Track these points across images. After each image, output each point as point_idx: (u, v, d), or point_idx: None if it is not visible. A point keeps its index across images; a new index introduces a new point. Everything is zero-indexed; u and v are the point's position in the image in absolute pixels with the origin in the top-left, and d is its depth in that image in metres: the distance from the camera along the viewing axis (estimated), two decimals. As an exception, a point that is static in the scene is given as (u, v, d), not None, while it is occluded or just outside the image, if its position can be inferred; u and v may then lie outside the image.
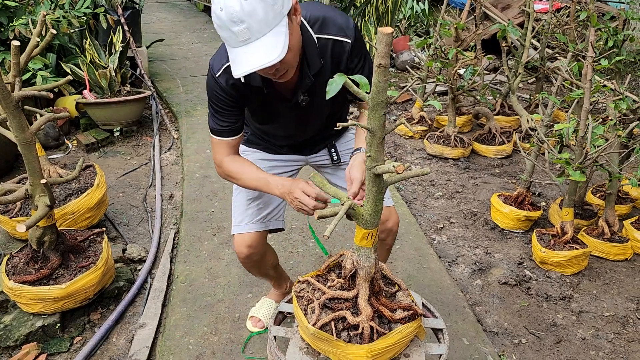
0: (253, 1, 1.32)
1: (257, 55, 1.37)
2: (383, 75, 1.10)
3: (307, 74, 1.64)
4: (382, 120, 1.19)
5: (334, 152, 2.05)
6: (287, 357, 1.50)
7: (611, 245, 2.95)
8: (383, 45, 1.07)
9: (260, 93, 1.66)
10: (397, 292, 1.59)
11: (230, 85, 1.63)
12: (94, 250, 2.45)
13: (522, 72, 4.26)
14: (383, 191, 1.32)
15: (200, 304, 2.51)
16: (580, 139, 2.68)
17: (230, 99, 1.67)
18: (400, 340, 1.43)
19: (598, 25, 3.62)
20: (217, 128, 1.74)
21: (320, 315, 1.45)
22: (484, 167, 4.11)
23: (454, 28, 3.96)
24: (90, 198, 2.84)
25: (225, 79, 1.62)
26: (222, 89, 1.64)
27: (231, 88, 1.64)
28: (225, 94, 1.65)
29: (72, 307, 2.33)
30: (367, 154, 1.26)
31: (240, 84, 1.63)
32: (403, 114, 4.97)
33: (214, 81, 1.65)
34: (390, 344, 1.41)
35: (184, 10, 9.47)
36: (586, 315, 2.57)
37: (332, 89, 1.05)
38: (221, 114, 1.70)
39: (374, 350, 1.39)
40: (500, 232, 3.25)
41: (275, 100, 1.72)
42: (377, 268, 1.46)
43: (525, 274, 2.85)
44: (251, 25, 1.34)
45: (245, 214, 1.97)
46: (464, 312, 2.53)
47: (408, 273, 2.79)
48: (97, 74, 4.14)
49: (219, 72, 1.63)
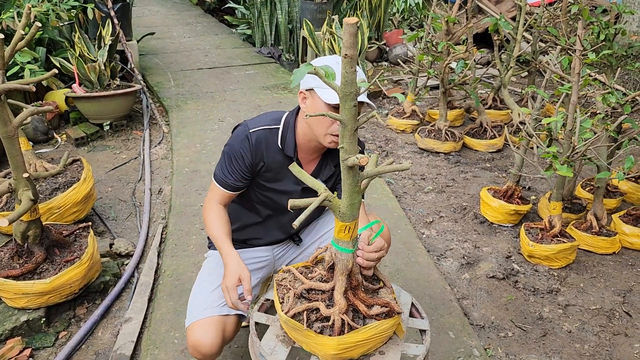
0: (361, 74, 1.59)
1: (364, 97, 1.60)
2: (350, 66, 1.09)
3: (328, 163, 1.88)
4: (353, 111, 1.18)
5: (296, 237, 2.09)
6: (262, 343, 1.50)
7: (599, 239, 2.95)
8: (348, 36, 1.07)
9: (282, 161, 1.80)
10: (380, 289, 1.58)
11: (259, 142, 1.77)
12: (79, 245, 2.44)
13: (513, 65, 4.26)
14: (359, 184, 1.31)
15: (186, 298, 2.48)
16: (568, 132, 2.68)
17: (248, 152, 1.77)
18: (374, 336, 1.43)
19: (590, 18, 3.61)
20: (222, 179, 1.82)
21: (295, 304, 1.45)
22: (475, 161, 4.11)
23: (444, 21, 3.95)
24: (77, 192, 2.82)
25: (257, 136, 1.77)
26: (250, 143, 1.76)
27: (257, 144, 1.77)
28: (247, 146, 1.76)
29: (57, 302, 2.32)
30: (340, 146, 1.25)
31: (267, 144, 1.78)
32: (395, 107, 4.96)
33: (245, 135, 1.77)
34: (361, 339, 1.40)
35: (176, 3, 9.41)
36: (573, 308, 2.58)
37: (295, 77, 1.04)
38: (233, 168, 1.79)
39: (343, 343, 1.38)
40: (490, 226, 3.25)
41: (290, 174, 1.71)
42: (355, 262, 1.45)
43: (513, 268, 2.85)
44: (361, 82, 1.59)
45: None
46: (451, 306, 2.53)
47: (396, 267, 2.78)
48: (87, 68, 4.11)
49: (255, 129, 1.77)
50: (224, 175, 1.81)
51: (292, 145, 1.78)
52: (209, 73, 5.80)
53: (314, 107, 1.67)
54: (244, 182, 1.83)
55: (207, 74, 5.77)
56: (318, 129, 1.68)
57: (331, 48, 4.98)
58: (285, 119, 1.82)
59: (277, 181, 1.86)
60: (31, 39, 2.36)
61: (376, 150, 4.24)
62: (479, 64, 6.29)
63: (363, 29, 5.15)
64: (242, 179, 1.82)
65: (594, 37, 3.70)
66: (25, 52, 3.97)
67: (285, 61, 6.25)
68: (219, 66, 6.02)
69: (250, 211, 1.99)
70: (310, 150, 1.82)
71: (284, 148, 1.79)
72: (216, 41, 7.04)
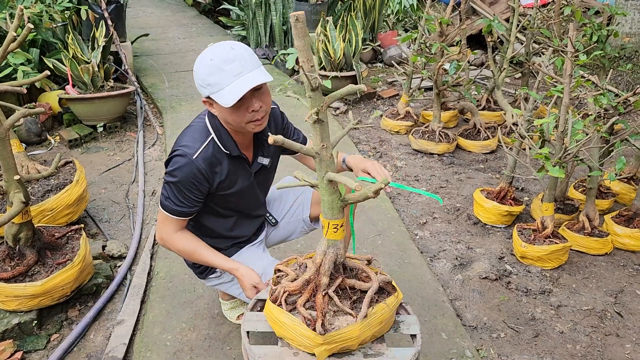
0: (239, 48, 1.65)
1: (254, 79, 1.62)
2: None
3: (262, 139, 1.92)
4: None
5: (270, 216, 2.22)
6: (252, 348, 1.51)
7: (591, 240, 2.96)
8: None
9: (230, 165, 1.83)
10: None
11: (208, 163, 1.76)
12: (71, 247, 2.44)
13: (507, 67, 4.27)
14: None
15: (179, 300, 2.50)
16: (560, 134, 2.69)
17: (204, 181, 1.77)
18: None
19: (583, 20, 3.63)
20: (176, 209, 1.81)
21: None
22: (469, 162, 4.12)
23: (438, 23, 3.96)
24: (70, 194, 2.82)
25: (203, 159, 1.75)
26: (199, 170, 1.75)
27: (207, 166, 1.76)
28: (200, 176, 1.76)
29: (49, 304, 2.31)
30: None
31: (214, 158, 1.78)
32: (389, 109, 4.97)
33: (191, 165, 1.74)
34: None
35: (171, 4, 9.41)
36: (565, 309, 2.59)
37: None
38: (187, 198, 1.79)
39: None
40: (483, 227, 3.26)
41: (240, 170, 1.89)
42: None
43: (506, 269, 2.86)
44: (241, 62, 1.62)
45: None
46: (444, 307, 2.54)
47: (389, 268, 2.79)
48: (80, 69, 4.10)
49: (196, 155, 1.75)
50: (177, 205, 1.80)
51: (232, 144, 1.82)
52: (204, 74, 5.79)
53: (220, 111, 1.71)
54: (199, 205, 1.85)
55: (201, 75, 5.77)
56: (237, 122, 1.71)
57: (325, 49, 4.98)
58: (211, 124, 1.81)
59: (234, 184, 1.89)
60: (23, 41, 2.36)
61: (370, 152, 4.25)
62: (473, 65, 6.31)
63: (357, 30, 5.16)
64: (197, 204, 1.84)
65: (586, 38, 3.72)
66: (18, 53, 3.96)
67: (280, 62, 6.26)
68: (214, 67, 6.01)
69: (220, 218, 2.01)
70: (244, 138, 1.87)
71: (230, 151, 1.82)
72: (211, 42, 7.03)
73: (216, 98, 1.64)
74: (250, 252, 2.09)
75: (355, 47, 5.12)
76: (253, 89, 1.64)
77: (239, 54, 1.63)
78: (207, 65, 1.63)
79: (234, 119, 1.70)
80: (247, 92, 1.61)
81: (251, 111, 1.69)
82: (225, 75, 1.61)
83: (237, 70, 1.61)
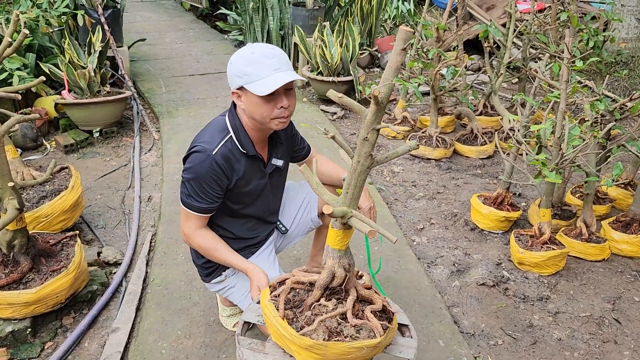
0: (278, 49, 1.80)
1: (290, 76, 1.73)
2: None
3: (277, 140, 2.01)
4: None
5: (281, 225, 2.25)
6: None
7: (589, 246, 2.96)
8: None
9: (246, 163, 1.90)
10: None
11: (226, 159, 1.83)
12: (66, 254, 2.42)
13: (504, 72, 4.27)
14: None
15: (175, 308, 2.48)
16: (557, 139, 2.69)
17: (222, 176, 1.83)
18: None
19: (579, 25, 3.64)
20: (196, 206, 1.87)
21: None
22: (466, 167, 4.12)
23: (435, 28, 3.96)
24: (65, 200, 2.80)
25: (221, 155, 1.82)
26: (218, 165, 1.81)
27: (226, 162, 1.83)
28: (220, 171, 1.82)
29: (43, 312, 2.29)
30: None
31: (232, 155, 1.84)
32: (386, 114, 4.96)
33: (210, 160, 1.80)
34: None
35: (168, 9, 9.40)
36: (562, 315, 2.58)
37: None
38: (207, 193, 1.84)
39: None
40: (480, 232, 3.25)
41: (256, 169, 1.95)
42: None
43: (504, 275, 2.85)
44: (280, 60, 1.75)
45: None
46: (441, 314, 2.52)
47: (386, 275, 2.78)
48: (76, 74, 4.09)
49: (215, 150, 1.81)
50: (197, 202, 1.86)
51: (250, 143, 1.90)
52: (201, 79, 5.79)
53: (250, 102, 1.77)
54: (219, 201, 1.90)
55: (198, 80, 5.76)
56: (263, 117, 1.78)
57: (322, 54, 4.98)
58: (230, 123, 1.88)
59: (249, 183, 1.95)
60: (19, 46, 2.35)
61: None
62: (470, 70, 6.31)
63: (354, 35, 5.16)
64: (217, 199, 1.89)
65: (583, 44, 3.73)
66: (14, 58, 3.94)
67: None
68: (211, 72, 6.01)
69: (233, 218, 2.05)
70: (261, 138, 1.94)
71: (247, 150, 1.88)
72: (208, 47, 7.03)
73: (251, 87, 1.72)
74: (261, 261, 2.09)
75: (353, 52, 5.12)
76: (285, 87, 1.74)
77: (279, 53, 1.77)
78: (247, 57, 1.74)
79: (261, 113, 1.77)
80: (280, 88, 1.71)
81: (280, 107, 1.77)
82: (264, 67, 1.72)
83: (276, 65, 1.73)
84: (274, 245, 2.25)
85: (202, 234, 1.93)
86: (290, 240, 2.35)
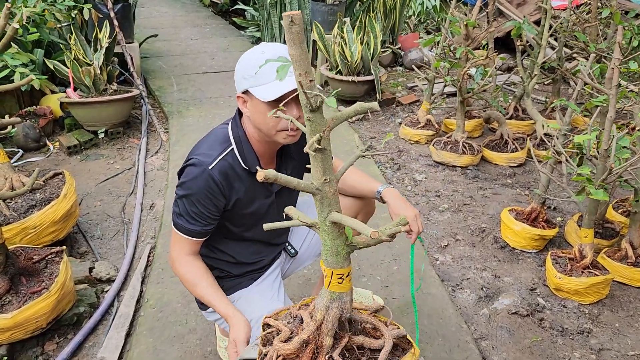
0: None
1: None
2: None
3: (288, 154, 1.75)
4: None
5: (289, 247, 1.99)
6: None
7: (636, 271, 2.62)
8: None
9: (249, 181, 1.64)
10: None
11: (224, 176, 1.58)
12: (49, 273, 2.18)
13: (538, 73, 3.93)
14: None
15: (169, 334, 2.23)
16: (604, 152, 2.36)
17: (219, 195, 1.59)
18: None
19: (622, 23, 3.29)
20: (187, 228, 1.62)
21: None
22: (495, 176, 3.79)
23: (463, 25, 3.64)
24: (55, 210, 2.57)
25: (219, 170, 1.57)
26: (215, 182, 1.56)
27: (224, 179, 1.58)
28: (216, 189, 1.57)
29: (21, 338, 2.06)
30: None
31: (232, 171, 1.59)
32: (409, 116, 4.66)
33: (205, 175, 1.56)
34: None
35: (186, 4, 9.20)
36: (607, 353, 2.26)
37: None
38: (200, 214, 1.60)
39: None
40: (511, 251, 2.93)
41: (259, 187, 1.68)
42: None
43: (539, 303, 2.54)
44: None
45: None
46: (468, 348, 2.23)
47: (406, 299, 2.49)
48: (81, 72, 3.88)
49: (213, 165, 1.56)
50: (189, 223, 1.60)
51: (254, 159, 1.64)
52: (215, 77, 5.55)
53: (255, 109, 1.53)
54: (213, 224, 1.63)
55: (212, 78, 5.53)
56: (268, 127, 1.54)
57: (342, 52, 4.69)
58: (233, 134, 1.62)
59: (252, 203, 1.68)
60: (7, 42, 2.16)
61: (387, 163, 3.94)
62: (499, 70, 5.96)
63: (376, 32, 4.86)
64: (212, 222, 1.61)
65: (624, 42, 3.38)
66: (21, 54, 3.75)
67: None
68: (226, 70, 5.77)
69: (235, 242, 1.78)
70: (268, 152, 1.69)
71: (249, 167, 1.63)
72: (224, 44, 6.80)
73: (256, 91, 1.48)
74: (265, 288, 1.83)
75: (374, 50, 4.82)
76: (296, 97, 1.47)
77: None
78: (256, 57, 1.50)
79: (267, 123, 1.52)
80: (291, 96, 1.46)
81: (285, 121, 1.53)
82: (274, 69, 1.44)
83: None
84: (281, 269, 1.98)
85: (189, 263, 1.66)
86: (300, 264, 2.07)
